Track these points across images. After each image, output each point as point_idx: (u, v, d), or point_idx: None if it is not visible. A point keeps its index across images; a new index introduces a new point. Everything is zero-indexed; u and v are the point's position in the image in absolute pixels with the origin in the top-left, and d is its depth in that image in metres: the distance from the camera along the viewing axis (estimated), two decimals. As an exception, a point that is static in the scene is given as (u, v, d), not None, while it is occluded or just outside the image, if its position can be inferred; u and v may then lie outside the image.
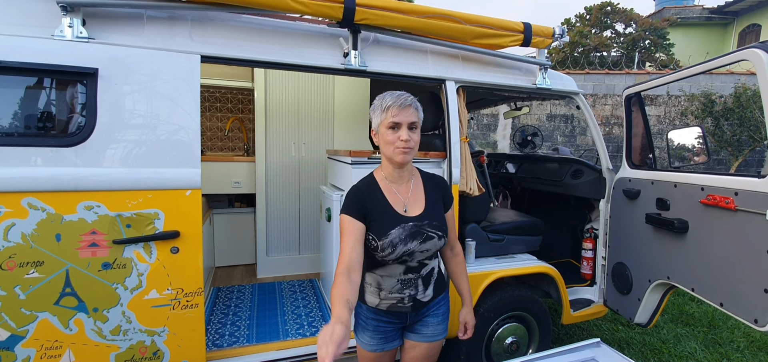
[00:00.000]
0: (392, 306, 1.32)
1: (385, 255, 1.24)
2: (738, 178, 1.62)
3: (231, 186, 3.03)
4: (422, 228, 1.26)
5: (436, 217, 1.30)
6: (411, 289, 1.31)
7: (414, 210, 1.29)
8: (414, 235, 1.25)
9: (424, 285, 1.33)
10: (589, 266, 2.61)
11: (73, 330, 1.47)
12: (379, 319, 1.35)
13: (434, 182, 1.39)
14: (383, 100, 1.23)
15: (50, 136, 1.44)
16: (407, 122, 1.21)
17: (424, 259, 1.31)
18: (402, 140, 1.20)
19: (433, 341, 1.40)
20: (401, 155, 1.22)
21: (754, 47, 1.52)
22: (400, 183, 1.31)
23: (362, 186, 1.30)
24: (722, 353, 2.74)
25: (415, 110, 1.23)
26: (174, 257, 1.55)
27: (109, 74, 1.45)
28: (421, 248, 1.26)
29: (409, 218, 1.27)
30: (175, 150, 1.53)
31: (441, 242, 1.29)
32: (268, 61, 1.69)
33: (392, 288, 1.30)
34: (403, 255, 1.25)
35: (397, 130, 1.21)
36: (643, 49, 11.55)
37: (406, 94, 1.23)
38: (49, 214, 1.39)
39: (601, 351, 1.23)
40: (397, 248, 1.23)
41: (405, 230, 1.24)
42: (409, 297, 1.31)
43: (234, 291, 2.68)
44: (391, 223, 1.24)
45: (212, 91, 3.62)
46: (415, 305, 1.33)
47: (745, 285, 1.57)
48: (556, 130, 7.60)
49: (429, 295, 1.35)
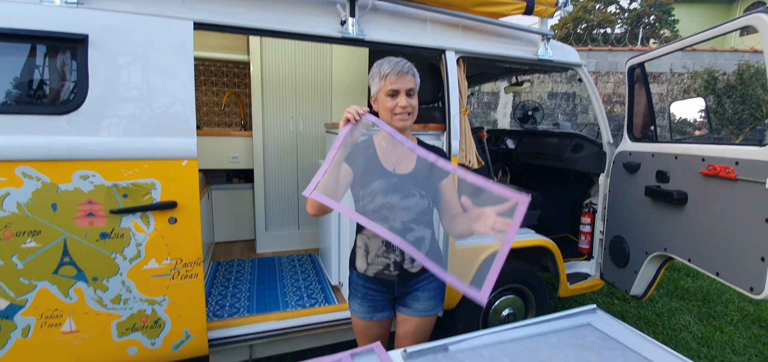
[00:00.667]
0: (379, 273, 1.33)
1: (365, 204, 1.27)
2: (739, 148, 1.60)
3: (229, 161, 3.01)
4: (406, 185, 1.27)
5: (421, 178, 1.30)
6: (396, 254, 1.31)
7: (403, 170, 1.31)
8: (396, 189, 1.25)
9: None
10: (586, 240, 2.63)
11: (73, 298, 1.48)
12: (367, 286, 1.37)
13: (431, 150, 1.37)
14: (381, 68, 1.24)
15: (42, 104, 1.42)
16: (405, 89, 1.23)
17: (409, 222, 1.27)
18: (401, 107, 1.23)
19: (425, 316, 1.38)
20: (400, 121, 1.25)
21: (761, 12, 1.48)
22: (395, 147, 1.33)
23: (360, 142, 1.32)
24: (716, 326, 2.79)
25: (413, 76, 1.25)
26: (172, 227, 1.54)
27: (99, 40, 1.41)
28: (402, 204, 1.25)
29: (395, 174, 1.29)
30: (170, 119, 1.51)
31: (423, 201, 1.28)
32: (263, 29, 1.65)
33: (378, 250, 1.31)
34: (383, 209, 1.25)
35: (395, 97, 1.24)
36: (647, 25, 11.35)
37: (403, 61, 1.24)
38: (44, 184, 1.38)
39: (597, 316, 1.24)
40: (376, 199, 1.25)
41: (387, 183, 1.26)
42: (395, 264, 1.31)
43: (234, 265, 2.70)
44: (375, 176, 1.27)
45: (207, 65, 3.56)
46: (402, 275, 1.32)
47: (742, 255, 1.58)
48: (557, 108, 7.54)
49: (418, 266, 1.33)
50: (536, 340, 1.10)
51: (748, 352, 2.50)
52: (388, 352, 0.98)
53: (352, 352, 0.98)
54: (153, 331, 1.59)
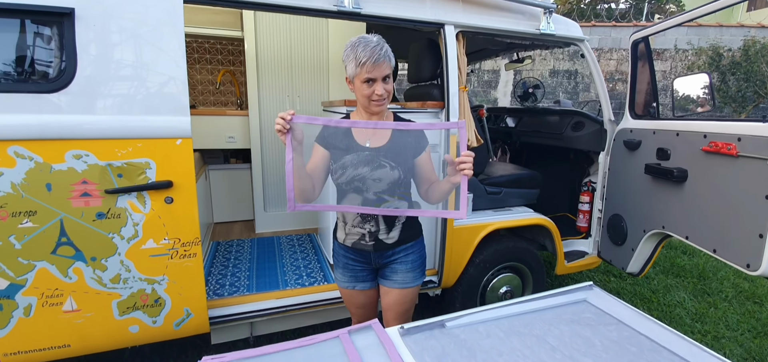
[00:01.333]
0: (356, 243, 1.38)
1: (337, 178, 1.31)
2: (742, 124, 1.58)
3: (225, 141, 2.98)
4: (376, 158, 1.29)
5: (394, 151, 1.30)
6: (371, 225, 1.34)
7: (375, 144, 1.32)
8: (366, 162, 1.28)
9: (387, 224, 1.35)
10: (585, 219, 2.63)
11: (73, 278, 1.49)
12: (347, 256, 1.42)
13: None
14: (356, 52, 1.22)
15: (31, 82, 1.38)
16: (381, 76, 1.24)
17: (382, 193, 1.29)
18: (377, 94, 1.25)
19: (404, 288, 1.41)
20: (377, 107, 1.28)
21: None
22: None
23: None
24: (710, 302, 2.82)
25: (389, 61, 1.25)
26: (169, 207, 1.53)
27: (86, 14, 1.37)
28: (373, 176, 1.28)
29: (367, 148, 1.31)
30: (162, 96, 1.48)
31: (394, 173, 1.29)
32: (255, 2, 1.60)
33: (354, 220, 1.36)
34: (354, 180, 1.29)
35: (372, 85, 1.24)
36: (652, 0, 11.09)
37: (379, 45, 1.22)
38: (37, 163, 1.37)
39: (594, 293, 1.25)
40: (347, 171, 1.29)
41: (358, 157, 1.29)
42: (370, 234, 1.35)
43: (233, 245, 2.71)
44: (348, 150, 1.30)
45: (201, 42, 3.48)
46: (378, 245, 1.36)
47: (740, 231, 1.57)
48: (558, 86, 7.44)
49: (393, 237, 1.36)
50: (532, 316, 1.11)
51: (740, 327, 2.53)
52: (385, 329, 0.99)
53: (350, 329, 0.99)
54: (154, 310, 1.61)
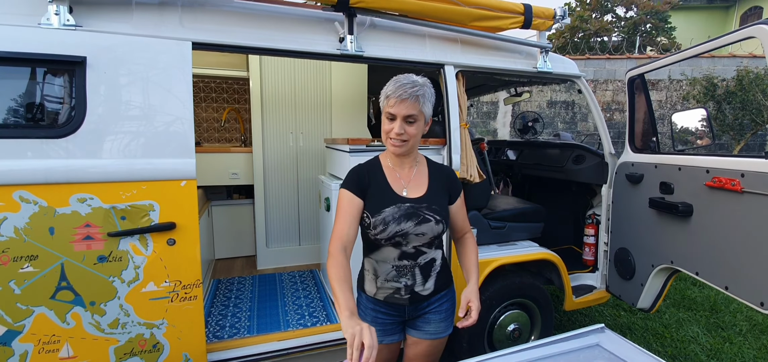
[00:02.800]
0: (389, 297, 1.28)
1: (377, 233, 1.20)
2: (744, 160, 1.58)
3: (229, 177, 3.00)
4: (419, 210, 1.22)
5: (435, 202, 1.26)
6: (407, 278, 1.26)
7: (414, 194, 1.26)
8: (409, 216, 1.21)
9: (424, 276, 1.28)
10: (591, 252, 2.60)
11: (71, 323, 1.45)
12: (377, 310, 1.31)
13: (440, 171, 1.35)
14: (387, 86, 1.18)
15: (40, 127, 1.41)
16: (403, 115, 1.16)
17: (421, 246, 1.25)
18: (395, 133, 1.18)
19: (437, 338, 1.35)
20: (393, 147, 1.21)
21: (762, 23, 1.47)
22: (402, 167, 1.29)
23: (365, 165, 1.30)
24: (725, 337, 2.74)
25: (415, 102, 1.15)
26: (171, 249, 1.52)
27: (97, 62, 1.41)
28: (417, 230, 1.21)
29: (407, 199, 1.24)
30: (169, 140, 1.50)
31: (438, 226, 1.24)
32: (261, 48, 1.65)
33: (387, 274, 1.26)
34: (396, 236, 1.21)
35: (392, 122, 1.18)
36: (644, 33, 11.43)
37: (410, 84, 1.16)
38: (41, 207, 1.37)
39: (606, 336, 1.21)
40: (389, 227, 1.20)
41: (400, 210, 1.21)
42: (406, 288, 1.26)
43: (234, 282, 2.67)
44: (386, 201, 1.22)
45: (207, 82, 3.57)
46: (414, 298, 1.28)
47: (751, 268, 1.55)
48: (556, 117, 7.54)
49: (429, 289, 1.29)
50: (543, 363, 1.07)
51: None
52: None
53: None
54: (151, 355, 1.56)
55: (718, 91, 6.54)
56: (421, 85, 1.17)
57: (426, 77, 1.22)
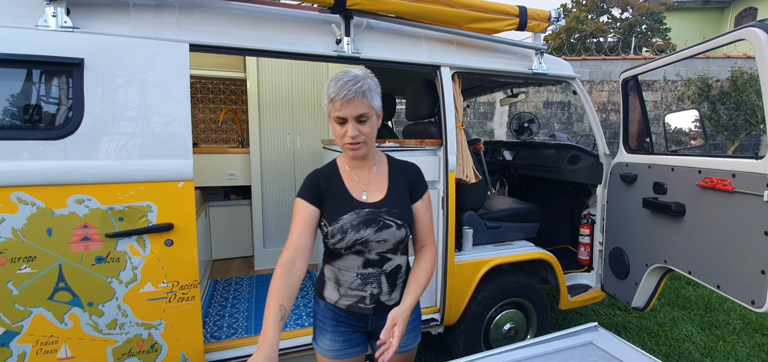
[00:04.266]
0: (352, 306, 1.20)
1: (336, 243, 1.13)
2: (735, 160, 1.61)
3: (226, 178, 3.01)
4: (379, 216, 1.14)
5: (397, 205, 1.17)
6: (373, 287, 1.18)
7: (373, 197, 1.17)
8: (368, 222, 1.13)
9: (390, 284, 1.20)
10: (586, 252, 2.62)
11: (69, 324, 1.46)
12: (338, 319, 1.22)
13: (403, 169, 1.25)
14: (328, 89, 1.08)
15: (38, 129, 1.41)
16: (354, 115, 1.06)
17: (385, 252, 1.17)
18: (350, 137, 1.08)
19: (407, 350, 1.28)
20: (350, 150, 1.12)
21: (753, 26, 1.50)
22: (361, 169, 1.20)
23: (322, 170, 1.22)
24: (718, 335, 2.77)
25: (364, 99, 1.06)
26: (168, 250, 1.53)
27: (95, 64, 1.42)
28: (377, 237, 1.13)
29: (366, 204, 1.15)
30: (166, 141, 1.51)
31: (400, 232, 1.15)
32: (258, 49, 1.66)
33: (351, 283, 1.17)
34: (356, 244, 1.12)
35: (343, 125, 1.08)
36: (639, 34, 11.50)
37: (352, 81, 1.05)
38: (39, 209, 1.37)
39: (599, 334, 1.23)
40: (348, 235, 1.11)
41: (359, 216, 1.13)
42: (371, 297, 1.18)
43: (232, 283, 2.67)
44: (344, 208, 1.13)
45: (204, 83, 3.57)
46: (378, 307, 1.20)
47: (743, 267, 1.57)
48: (552, 117, 7.58)
49: (395, 298, 1.21)
50: (537, 361, 1.09)
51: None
52: None
53: None
54: (149, 356, 1.57)
55: (713, 92, 6.59)
56: (364, 78, 1.08)
57: (367, 69, 1.13)
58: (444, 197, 1.96)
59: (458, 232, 2.15)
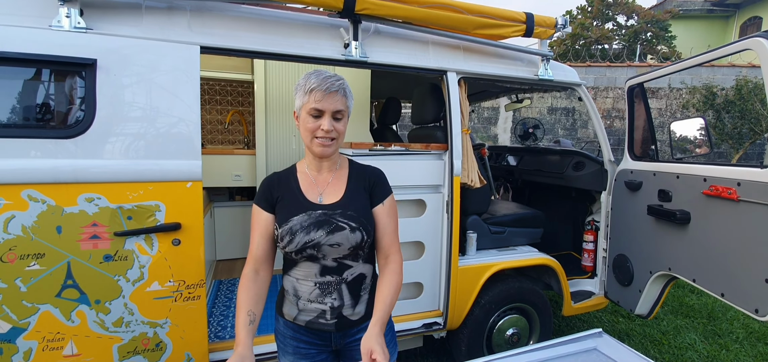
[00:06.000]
0: (312, 322, 1.11)
1: (284, 245, 1.07)
2: (741, 169, 1.61)
3: (231, 179, 3.02)
4: (332, 218, 1.08)
5: (352, 208, 1.11)
6: (333, 298, 1.10)
7: (328, 199, 1.12)
8: (320, 224, 1.07)
9: (352, 296, 1.12)
10: (590, 258, 2.62)
11: (76, 322, 1.47)
12: (298, 338, 1.14)
13: (362, 173, 1.19)
14: (308, 80, 1.06)
15: (49, 128, 1.43)
16: (331, 110, 1.05)
17: (343, 258, 1.10)
18: (323, 130, 1.05)
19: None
20: (320, 147, 1.07)
21: (759, 36, 1.50)
22: (320, 172, 1.15)
23: (278, 174, 1.18)
24: (721, 344, 2.76)
25: (343, 97, 1.07)
26: (175, 249, 1.54)
27: (107, 65, 1.44)
28: (329, 240, 1.07)
29: (319, 206, 1.10)
30: (176, 141, 1.52)
31: (355, 235, 1.08)
32: (267, 52, 1.68)
33: (310, 294, 1.10)
34: (306, 248, 1.06)
35: (318, 118, 1.05)
36: (644, 41, 11.49)
37: (334, 77, 1.06)
38: (49, 206, 1.39)
39: (603, 340, 1.23)
40: (297, 237, 1.06)
41: (310, 218, 1.07)
42: (332, 310, 1.10)
43: (236, 283, 2.68)
44: (295, 210, 1.09)
45: (212, 84, 3.60)
46: (341, 323, 1.11)
47: (747, 276, 1.57)
48: (557, 123, 7.58)
49: (360, 313, 1.13)
50: (542, 366, 1.09)
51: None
52: None
53: None
54: (154, 354, 1.58)
55: (718, 100, 6.59)
56: (343, 79, 1.09)
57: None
58: (449, 201, 1.97)
59: (462, 236, 2.16)
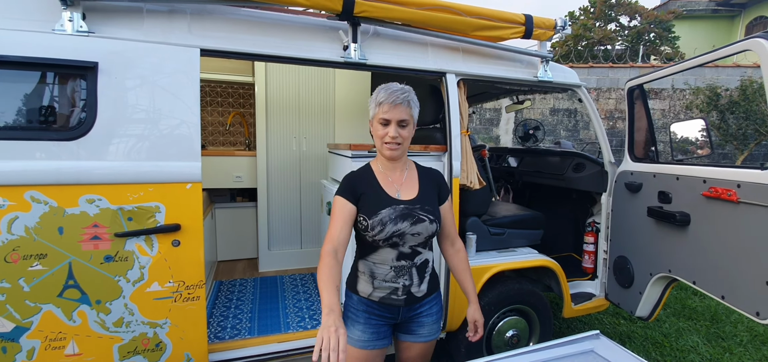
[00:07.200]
0: (385, 298, 1.31)
1: (375, 234, 1.25)
2: (740, 170, 1.60)
3: (232, 180, 3.04)
4: (413, 211, 1.28)
5: (428, 202, 1.32)
6: (405, 278, 1.30)
7: (406, 195, 1.32)
8: (404, 216, 1.27)
9: (419, 276, 1.33)
10: (590, 260, 2.61)
11: (77, 321, 1.49)
12: (370, 312, 1.32)
13: (430, 174, 1.41)
14: (378, 94, 1.25)
15: (52, 130, 1.45)
16: (397, 119, 1.24)
17: (417, 246, 1.30)
18: (390, 137, 1.25)
19: (429, 340, 1.40)
20: (388, 151, 1.28)
21: (759, 37, 1.50)
22: (393, 171, 1.35)
23: (357, 172, 1.35)
24: (725, 347, 2.74)
25: (407, 107, 1.25)
26: (175, 250, 1.56)
27: (109, 68, 1.46)
28: (412, 230, 1.27)
29: (401, 201, 1.29)
30: (176, 143, 1.54)
31: (432, 226, 1.30)
32: (267, 55, 1.69)
33: (385, 275, 1.30)
34: (393, 236, 1.26)
35: (386, 126, 1.25)
36: (647, 42, 11.43)
37: (400, 90, 1.24)
38: (51, 207, 1.41)
39: (600, 342, 1.23)
40: (387, 227, 1.25)
41: (395, 211, 1.27)
42: (404, 288, 1.31)
43: (236, 285, 2.70)
44: (382, 204, 1.27)
45: (213, 86, 3.63)
46: (409, 299, 1.32)
47: (747, 278, 1.56)
48: (559, 124, 7.55)
49: (423, 290, 1.34)
50: (538, 367, 1.09)
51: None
52: None
53: None
54: (154, 354, 1.59)
55: (722, 101, 6.53)
56: (409, 91, 1.27)
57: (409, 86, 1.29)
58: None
59: (461, 238, 2.15)
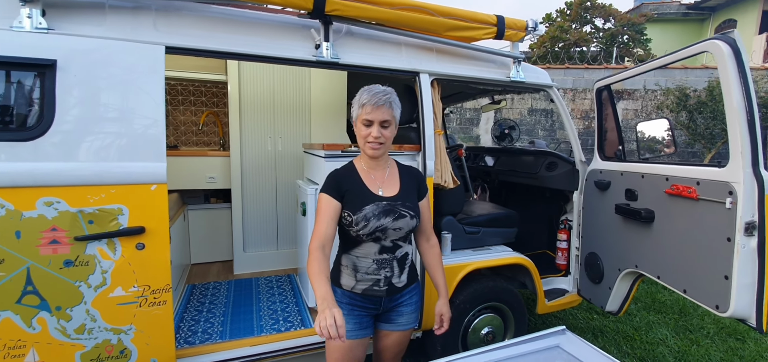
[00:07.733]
0: (368, 290, 1.37)
1: (359, 229, 1.31)
2: (700, 168, 1.67)
3: (205, 181, 2.97)
4: (395, 207, 1.35)
5: (409, 199, 1.39)
6: (386, 270, 1.37)
7: (388, 192, 1.38)
8: (387, 212, 1.33)
9: (400, 268, 1.40)
10: (563, 257, 2.67)
11: (37, 329, 1.43)
12: (353, 304, 1.39)
13: (410, 172, 1.49)
14: (361, 96, 1.31)
15: (8, 130, 1.38)
16: (379, 120, 1.29)
17: (398, 240, 1.37)
18: (373, 137, 1.30)
19: (406, 329, 1.47)
20: (371, 150, 1.33)
21: (715, 39, 1.56)
22: (376, 170, 1.41)
23: (341, 169, 1.40)
24: (692, 339, 2.84)
25: (389, 108, 1.30)
26: (139, 253, 1.51)
27: (68, 66, 1.40)
28: (394, 225, 1.33)
29: (384, 197, 1.36)
30: (139, 143, 1.49)
31: (413, 222, 1.37)
32: (237, 53, 1.66)
33: (368, 268, 1.36)
34: (376, 231, 1.32)
35: (369, 127, 1.30)
36: (621, 44, 11.78)
37: (382, 92, 1.29)
38: (7, 211, 1.35)
39: (566, 338, 1.26)
40: (371, 222, 1.31)
41: (378, 207, 1.33)
42: (385, 280, 1.37)
43: (209, 288, 2.64)
44: (366, 201, 1.33)
45: (185, 84, 3.54)
46: (390, 289, 1.39)
47: (707, 273, 1.62)
48: (536, 124, 7.70)
49: (403, 281, 1.41)
50: (503, 364, 1.11)
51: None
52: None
53: None
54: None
55: (690, 101, 6.79)
56: (391, 93, 1.32)
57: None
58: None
59: (437, 237, 2.17)
